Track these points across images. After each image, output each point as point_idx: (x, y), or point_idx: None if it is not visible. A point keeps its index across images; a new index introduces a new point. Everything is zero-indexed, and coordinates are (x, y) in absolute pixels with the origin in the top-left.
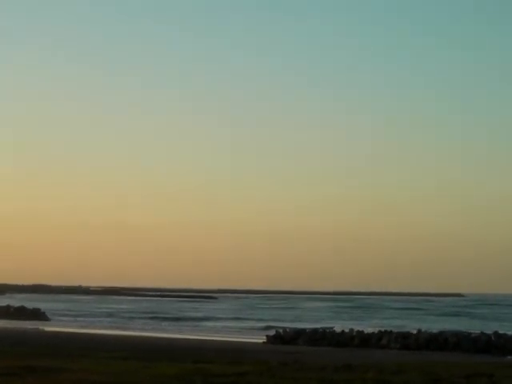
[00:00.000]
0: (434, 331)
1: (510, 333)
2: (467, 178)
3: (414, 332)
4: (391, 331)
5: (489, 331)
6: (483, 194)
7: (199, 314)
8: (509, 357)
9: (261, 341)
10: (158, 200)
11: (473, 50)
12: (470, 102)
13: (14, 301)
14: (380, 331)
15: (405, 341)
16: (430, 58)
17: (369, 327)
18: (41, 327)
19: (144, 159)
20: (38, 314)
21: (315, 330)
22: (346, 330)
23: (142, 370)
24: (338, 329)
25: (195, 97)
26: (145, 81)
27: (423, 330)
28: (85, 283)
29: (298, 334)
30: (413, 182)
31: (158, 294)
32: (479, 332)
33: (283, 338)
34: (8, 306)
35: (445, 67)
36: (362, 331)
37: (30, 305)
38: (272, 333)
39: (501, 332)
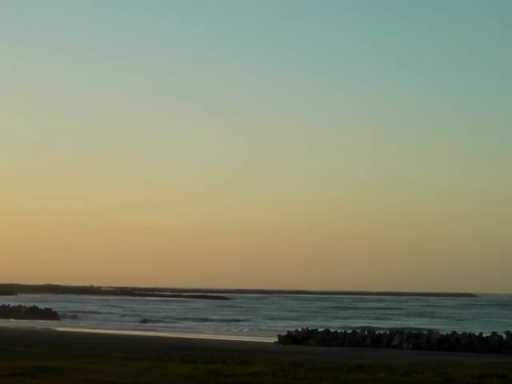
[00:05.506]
0: (446, 332)
1: None
2: (478, 178)
3: (426, 332)
4: (402, 331)
5: (500, 332)
6: (492, 194)
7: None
8: None
9: (272, 341)
10: (171, 202)
11: (476, 49)
12: (472, 103)
13: (26, 301)
14: (391, 331)
15: (416, 341)
16: (434, 58)
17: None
18: (53, 327)
19: (157, 161)
20: (49, 314)
21: (327, 330)
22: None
23: (154, 370)
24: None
25: (207, 97)
26: (157, 81)
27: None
28: (97, 283)
29: (310, 333)
30: (422, 183)
31: (170, 294)
32: (491, 332)
33: (295, 338)
34: (20, 306)
35: (450, 66)
36: (374, 331)
37: (40, 305)
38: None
39: None
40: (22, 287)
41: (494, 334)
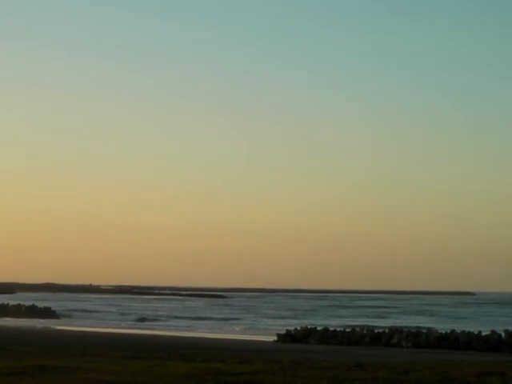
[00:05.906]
0: (445, 330)
1: None
2: (478, 178)
3: (425, 331)
4: (402, 330)
5: (499, 330)
6: (492, 194)
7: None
8: None
9: (271, 339)
10: (171, 202)
11: (476, 49)
12: (472, 103)
13: (25, 300)
14: (391, 330)
15: (415, 339)
16: (434, 58)
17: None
18: (51, 326)
19: (155, 159)
20: (48, 313)
21: (326, 329)
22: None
23: (153, 369)
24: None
25: (207, 97)
26: (157, 81)
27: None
28: (96, 282)
29: (309, 332)
30: (422, 183)
31: (169, 292)
32: (490, 331)
33: (294, 337)
34: (19, 305)
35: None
36: (373, 330)
37: (39, 304)
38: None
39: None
40: (21, 286)
41: (493, 332)
